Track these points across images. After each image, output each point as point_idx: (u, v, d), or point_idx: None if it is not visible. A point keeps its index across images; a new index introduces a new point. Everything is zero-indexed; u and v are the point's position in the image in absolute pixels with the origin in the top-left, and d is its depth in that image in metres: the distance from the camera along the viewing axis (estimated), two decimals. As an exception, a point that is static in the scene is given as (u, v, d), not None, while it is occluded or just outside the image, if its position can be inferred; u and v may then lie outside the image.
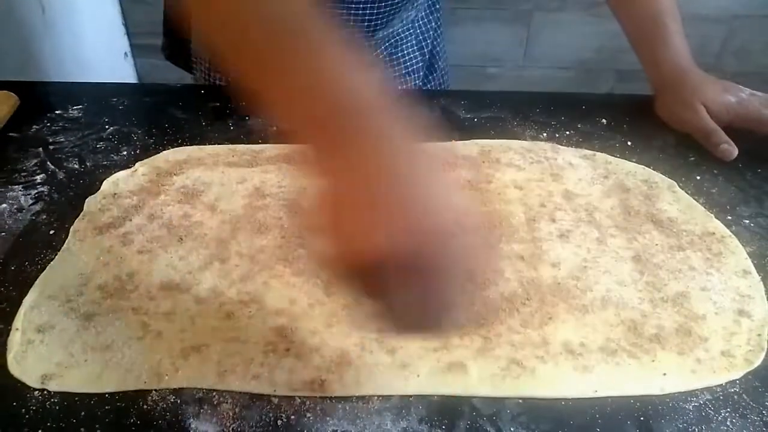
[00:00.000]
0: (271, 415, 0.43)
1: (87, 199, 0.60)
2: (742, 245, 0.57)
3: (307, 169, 0.35)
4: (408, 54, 0.86)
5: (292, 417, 0.43)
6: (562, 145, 0.69)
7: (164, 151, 0.67)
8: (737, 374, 0.46)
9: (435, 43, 0.91)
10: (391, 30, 0.81)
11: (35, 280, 0.52)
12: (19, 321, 0.48)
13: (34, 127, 0.71)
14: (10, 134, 0.70)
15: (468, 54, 1.92)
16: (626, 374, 0.46)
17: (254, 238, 0.56)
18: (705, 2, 1.75)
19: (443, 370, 0.45)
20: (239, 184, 0.62)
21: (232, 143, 0.69)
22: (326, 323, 0.49)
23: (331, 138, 0.35)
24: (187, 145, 0.68)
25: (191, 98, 0.76)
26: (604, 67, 1.83)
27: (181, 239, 0.56)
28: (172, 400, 0.44)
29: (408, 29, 0.85)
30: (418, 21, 0.87)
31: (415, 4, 0.83)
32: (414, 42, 0.87)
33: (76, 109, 0.74)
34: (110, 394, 0.44)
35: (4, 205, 0.60)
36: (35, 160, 0.66)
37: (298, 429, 0.42)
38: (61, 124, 0.72)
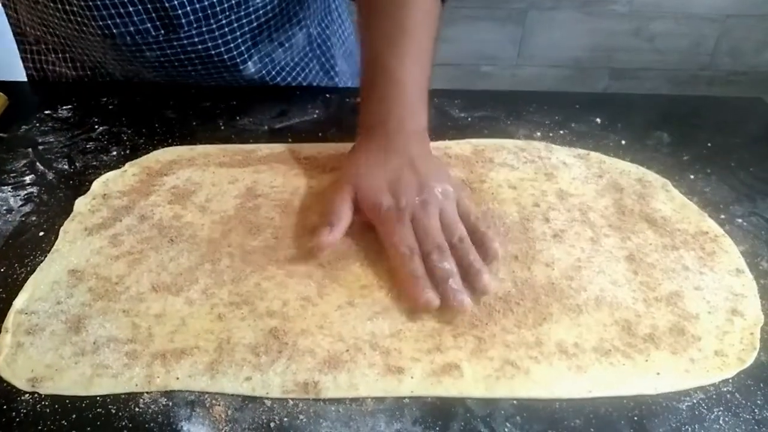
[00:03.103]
0: (264, 417, 0.43)
1: (77, 200, 0.60)
2: (735, 244, 0.57)
3: (361, 131, 0.60)
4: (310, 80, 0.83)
5: (285, 419, 0.42)
6: (555, 144, 0.69)
7: (155, 151, 0.67)
8: (730, 373, 0.46)
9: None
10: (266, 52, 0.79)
11: (25, 281, 0.51)
12: (8, 323, 0.48)
13: (23, 127, 0.70)
14: (-1, 134, 0.69)
15: (462, 52, 1.92)
16: (620, 374, 0.46)
17: (246, 238, 0.56)
18: (699, 2, 1.76)
19: (437, 371, 0.45)
20: (231, 184, 0.62)
21: (223, 143, 0.68)
22: (319, 325, 0.48)
23: (384, 125, 0.58)
24: (177, 145, 0.68)
25: (182, 98, 0.76)
26: (598, 66, 1.83)
27: (172, 240, 0.56)
28: (163, 403, 0.43)
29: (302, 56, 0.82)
30: (317, 40, 0.83)
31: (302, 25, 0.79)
32: (317, 66, 0.83)
33: (66, 109, 0.74)
34: (101, 396, 0.43)
35: (-7, 206, 0.59)
36: (24, 161, 0.65)
37: (291, 431, 0.42)
38: (50, 124, 0.71)
